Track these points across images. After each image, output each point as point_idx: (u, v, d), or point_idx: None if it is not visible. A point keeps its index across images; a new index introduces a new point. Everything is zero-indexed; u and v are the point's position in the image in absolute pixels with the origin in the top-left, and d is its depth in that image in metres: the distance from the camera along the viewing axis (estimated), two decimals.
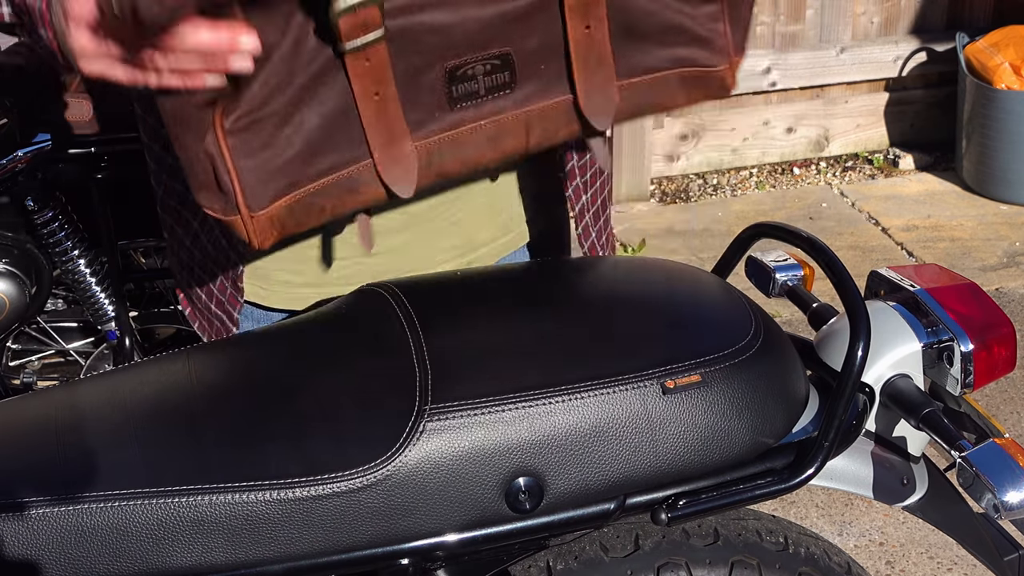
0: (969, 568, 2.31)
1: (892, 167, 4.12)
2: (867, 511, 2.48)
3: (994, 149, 3.76)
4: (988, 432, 1.16)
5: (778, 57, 3.97)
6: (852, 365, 1.05)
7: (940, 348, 1.16)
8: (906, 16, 4.08)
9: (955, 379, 1.16)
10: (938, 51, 4.05)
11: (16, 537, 0.96)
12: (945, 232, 3.68)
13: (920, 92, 4.14)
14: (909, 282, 1.22)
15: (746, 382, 1.04)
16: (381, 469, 0.98)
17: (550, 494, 1.01)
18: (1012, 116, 3.69)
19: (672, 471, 1.03)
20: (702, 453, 1.03)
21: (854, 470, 1.18)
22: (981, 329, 1.17)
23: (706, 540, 1.21)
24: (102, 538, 0.97)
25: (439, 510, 1.00)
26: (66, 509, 0.96)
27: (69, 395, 1.10)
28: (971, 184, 3.90)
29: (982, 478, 1.04)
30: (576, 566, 1.19)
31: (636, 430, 1.01)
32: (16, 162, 2.13)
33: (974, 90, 3.77)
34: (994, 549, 1.21)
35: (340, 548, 1.00)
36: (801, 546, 1.24)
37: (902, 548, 2.39)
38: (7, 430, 1.06)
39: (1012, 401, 2.82)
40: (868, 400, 1.13)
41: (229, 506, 0.97)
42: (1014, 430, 2.72)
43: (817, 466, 1.05)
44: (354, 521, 0.99)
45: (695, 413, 1.02)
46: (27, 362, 2.44)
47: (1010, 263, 3.50)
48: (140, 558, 0.97)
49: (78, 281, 2.24)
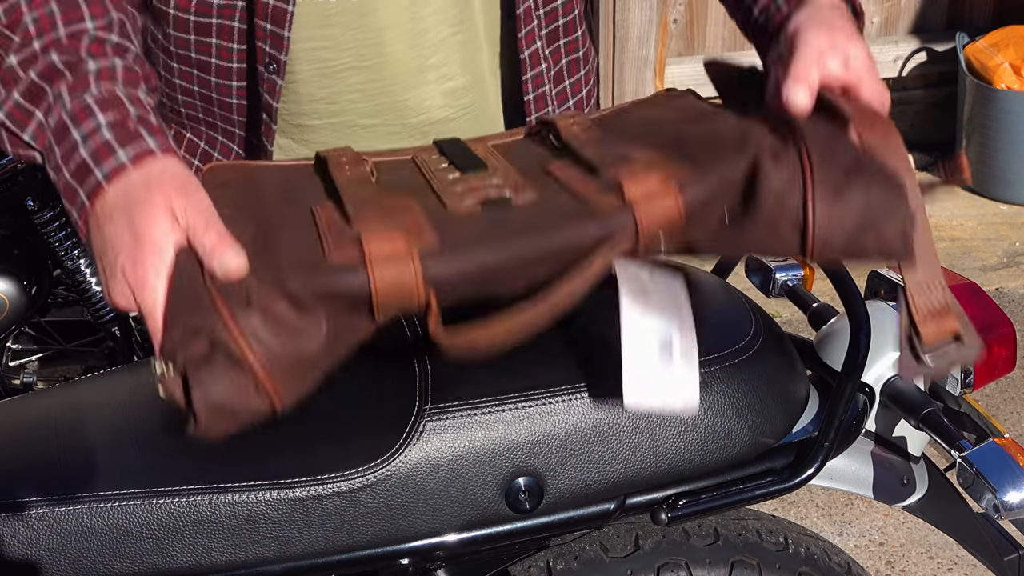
0: (969, 568, 2.31)
1: None
2: (867, 511, 2.48)
3: (994, 149, 3.76)
4: (988, 432, 1.16)
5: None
6: (852, 365, 1.05)
7: None
8: (906, 16, 4.08)
9: (955, 379, 1.16)
10: (938, 51, 4.05)
11: (16, 537, 0.96)
12: (945, 232, 3.68)
13: (920, 92, 4.14)
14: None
15: (746, 382, 1.04)
16: (381, 469, 0.98)
17: (550, 494, 1.01)
18: (1012, 116, 3.68)
19: (672, 471, 1.03)
20: (702, 453, 1.03)
21: (854, 470, 1.18)
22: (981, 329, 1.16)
23: (706, 540, 1.21)
24: (102, 538, 0.97)
25: (439, 510, 1.00)
26: (66, 509, 0.97)
27: (69, 395, 1.10)
28: (971, 184, 3.90)
29: (982, 478, 1.04)
30: (576, 566, 1.19)
31: (636, 430, 1.01)
32: (16, 162, 2.13)
33: (974, 90, 3.77)
34: (994, 549, 1.21)
35: (340, 548, 1.00)
36: (801, 546, 1.24)
37: (902, 548, 2.39)
38: (7, 430, 1.06)
39: (1012, 401, 2.82)
40: (868, 400, 1.13)
41: (229, 506, 0.97)
42: (1014, 430, 2.72)
43: (817, 466, 1.05)
44: (354, 521, 0.99)
45: (695, 413, 1.02)
46: (27, 362, 2.44)
47: (1010, 263, 3.50)
48: (140, 558, 0.97)
49: (78, 281, 2.24)
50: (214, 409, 0.82)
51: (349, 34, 1.17)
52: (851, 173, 0.88)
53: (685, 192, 0.88)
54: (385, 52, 1.18)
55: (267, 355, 0.83)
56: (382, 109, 1.21)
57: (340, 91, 1.20)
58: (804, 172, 0.88)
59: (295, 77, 1.19)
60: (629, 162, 0.91)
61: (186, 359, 0.82)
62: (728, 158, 0.89)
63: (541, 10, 1.23)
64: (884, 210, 0.87)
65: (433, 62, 1.21)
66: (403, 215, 0.88)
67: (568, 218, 0.88)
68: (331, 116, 1.22)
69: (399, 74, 1.20)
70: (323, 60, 1.18)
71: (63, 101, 0.95)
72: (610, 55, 3.69)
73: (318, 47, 1.17)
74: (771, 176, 0.88)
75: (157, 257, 0.87)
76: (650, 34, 3.69)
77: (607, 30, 3.66)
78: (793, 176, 0.88)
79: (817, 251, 0.89)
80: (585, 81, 1.34)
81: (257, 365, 0.82)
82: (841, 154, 0.88)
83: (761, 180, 0.88)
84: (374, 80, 1.20)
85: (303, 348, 0.84)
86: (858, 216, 0.87)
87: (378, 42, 1.18)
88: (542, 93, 1.26)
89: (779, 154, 0.88)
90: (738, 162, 0.88)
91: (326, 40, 1.17)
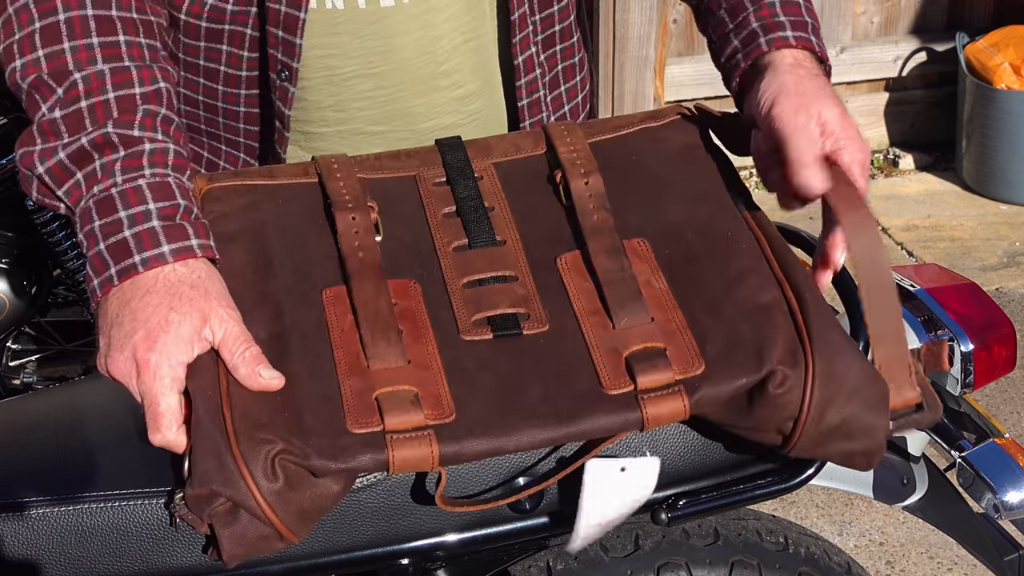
0: (969, 568, 2.31)
1: (892, 167, 4.12)
2: (867, 511, 2.48)
3: (994, 149, 3.76)
4: (988, 432, 1.16)
5: None
6: None
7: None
8: (906, 16, 4.08)
9: (955, 379, 1.16)
10: (938, 51, 4.05)
11: (16, 537, 0.96)
12: (945, 232, 3.68)
13: (920, 92, 4.14)
14: (909, 282, 1.22)
15: None
16: None
17: (550, 494, 1.01)
18: (1012, 116, 3.68)
19: (672, 471, 1.03)
20: (702, 453, 1.03)
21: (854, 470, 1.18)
22: (981, 329, 1.17)
23: (706, 540, 1.21)
24: (102, 538, 0.96)
25: (439, 510, 1.00)
26: (66, 509, 0.96)
27: (69, 395, 1.10)
28: (971, 184, 3.90)
29: (982, 478, 1.04)
30: (576, 566, 1.19)
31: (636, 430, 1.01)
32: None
33: (974, 90, 3.77)
34: (994, 549, 1.21)
35: (340, 548, 1.00)
36: (801, 546, 1.24)
37: (902, 548, 2.39)
38: (7, 430, 1.06)
39: (1012, 401, 2.82)
40: None
41: None
42: (1014, 430, 2.72)
43: (817, 466, 1.05)
44: (354, 521, 0.99)
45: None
46: (27, 362, 2.44)
47: (1010, 263, 3.50)
48: (140, 558, 0.97)
49: (78, 281, 2.25)
50: (240, 553, 0.88)
51: (357, 42, 1.17)
52: (844, 398, 0.91)
53: (695, 397, 0.90)
54: (395, 59, 1.18)
55: (288, 515, 0.87)
56: (390, 116, 1.21)
57: (347, 99, 1.20)
58: (805, 392, 0.90)
59: (303, 84, 1.18)
60: (643, 318, 0.93)
61: (212, 514, 0.87)
62: (742, 370, 0.91)
63: (537, 16, 1.23)
64: (861, 434, 0.92)
65: (445, 68, 1.21)
66: (420, 373, 0.90)
67: (582, 405, 0.89)
68: (338, 124, 1.21)
69: (409, 81, 1.20)
70: (330, 68, 1.18)
71: (114, 177, 0.97)
72: (610, 55, 3.69)
73: (325, 55, 1.17)
74: (775, 397, 0.90)
75: (176, 348, 0.89)
76: (650, 34, 3.69)
77: (607, 30, 3.66)
78: (794, 397, 0.90)
79: (794, 454, 0.94)
80: (580, 87, 1.33)
81: (280, 525, 0.87)
82: (841, 376, 0.90)
83: (764, 396, 0.90)
84: (383, 87, 1.19)
85: (322, 502, 0.88)
86: (838, 438, 0.92)
87: (387, 49, 1.18)
88: (537, 99, 1.26)
89: (787, 377, 0.90)
90: (751, 377, 0.90)
91: (333, 48, 1.17)
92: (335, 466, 0.86)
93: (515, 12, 1.20)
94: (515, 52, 1.22)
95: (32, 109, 1.01)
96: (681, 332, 0.92)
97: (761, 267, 0.96)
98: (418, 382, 0.89)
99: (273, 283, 0.95)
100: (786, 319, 0.92)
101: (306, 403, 0.88)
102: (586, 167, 1.03)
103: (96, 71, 1.00)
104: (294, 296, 0.95)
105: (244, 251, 0.97)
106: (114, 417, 1.04)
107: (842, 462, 0.95)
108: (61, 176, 0.98)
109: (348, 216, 0.98)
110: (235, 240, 0.98)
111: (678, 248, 0.98)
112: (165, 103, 1.02)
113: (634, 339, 0.92)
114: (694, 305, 0.94)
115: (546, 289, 0.96)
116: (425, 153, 1.07)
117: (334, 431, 0.87)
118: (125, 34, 1.03)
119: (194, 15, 1.16)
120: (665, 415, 0.90)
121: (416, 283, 0.96)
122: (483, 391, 0.90)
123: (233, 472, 0.84)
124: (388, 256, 0.97)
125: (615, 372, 0.91)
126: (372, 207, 1.00)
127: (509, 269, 0.97)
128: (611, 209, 1.00)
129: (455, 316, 0.94)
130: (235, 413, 0.87)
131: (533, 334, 0.93)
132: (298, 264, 0.97)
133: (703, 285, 0.96)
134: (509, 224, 1.00)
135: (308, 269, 0.96)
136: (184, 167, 1.00)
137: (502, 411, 0.89)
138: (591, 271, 0.97)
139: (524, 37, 1.22)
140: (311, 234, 0.99)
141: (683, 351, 0.91)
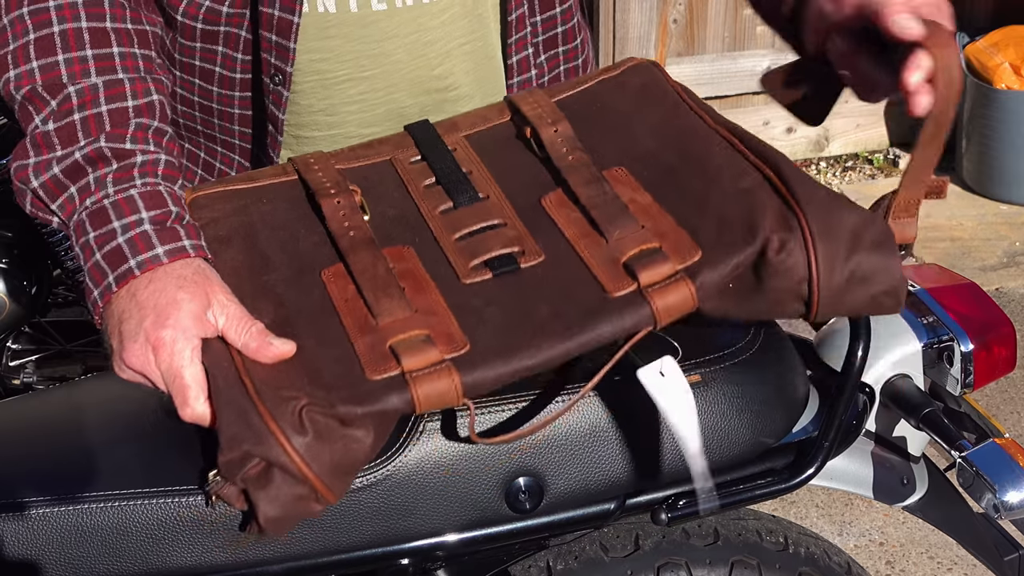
0: (969, 568, 2.31)
1: (892, 167, 4.12)
2: (867, 511, 2.48)
3: (994, 149, 3.76)
4: (988, 432, 1.16)
5: (778, 57, 3.97)
6: (852, 365, 1.04)
7: (940, 348, 1.16)
8: None
9: (955, 379, 1.16)
10: None
11: (16, 537, 0.96)
12: (945, 232, 3.68)
13: None
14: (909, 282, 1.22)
15: (746, 382, 1.04)
16: (381, 469, 0.98)
17: (550, 494, 1.01)
18: (1012, 116, 3.68)
19: (672, 471, 1.03)
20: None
21: (854, 470, 1.18)
22: (981, 329, 1.17)
23: (706, 540, 1.21)
24: (102, 538, 0.97)
25: (439, 510, 1.00)
26: (66, 509, 0.97)
27: (69, 395, 1.10)
28: (971, 184, 3.90)
29: (982, 478, 1.04)
30: (576, 566, 1.19)
31: (636, 430, 1.01)
32: None
33: (974, 90, 3.77)
34: (994, 549, 1.21)
35: (340, 548, 1.00)
36: (801, 546, 1.24)
37: (902, 548, 2.39)
38: (7, 430, 1.06)
39: (1012, 401, 2.82)
40: (868, 400, 1.13)
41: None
42: (1014, 430, 2.72)
43: (817, 466, 1.05)
44: (354, 521, 0.99)
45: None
46: (27, 362, 2.44)
47: (1010, 263, 3.50)
48: (140, 558, 0.97)
49: (78, 281, 2.24)
50: (278, 519, 0.88)
51: (348, 45, 1.17)
52: (848, 246, 0.91)
53: (698, 281, 0.91)
54: (386, 63, 1.18)
55: (321, 468, 0.86)
56: (382, 119, 1.21)
57: (339, 102, 1.20)
58: (808, 254, 0.91)
59: (295, 88, 1.18)
60: (633, 227, 0.95)
61: (245, 478, 0.86)
62: (738, 245, 0.92)
63: (538, 17, 1.23)
64: (878, 274, 0.92)
65: (439, 72, 1.21)
66: (428, 318, 0.91)
67: (591, 312, 0.91)
68: (330, 128, 1.21)
69: (401, 84, 1.20)
70: (322, 72, 1.18)
71: (106, 189, 0.98)
72: (610, 55, 3.69)
73: (317, 58, 1.17)
74: (778, 264, 0.91)
75: (190, 321, 0.90)
76: (650, 34, 3.69)
77: (607, 30, 3.66)
78: (799, 259, 0.91)
79: (820, 317, 0.94)
80: None
81: (315, 479, 0.86)
82: (837, 227, 0.91)
83: (768, 266, 0.91)
84: (375, 90, 1.20)
85: (354, 454, 0.88)
86: (857, 285, 0.92)
87: (379, 53, 1.18)
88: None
89: (785, 240, 0.91)
90: (748, 250, 0.92)
91: (325, 52, 1.17)
92: (362, 410, 0.86)
93: (513, 13, 1.20)
94: (509, 52, 1.22)
95: (25, 120, 1.02)
96: (673, 230, 0.94)
97: (736, 159, 0.99)
98: (428, 325, 0.91)
99: (272, 276, 0.97)
100: (770, 194, 0.94)
101: (323, 365, 0.89)
102: (553, 117, 1.06)
103: (90, 84, 1.01)
104: (294, 285, 0.96)
105: (239, 251, 0.99)
106: (114, 417, 1.04)
107: (872, 310, 0.95)
108: (55, 190, 0.99)
109: (333, 201, 1.00)
110: (229, 242, 1.00)
111: (655, 167, 1.01)
112: (158, 115, 1.03)
113: (629, 246, 0.94)
114: (680, 207, 0.97)
115: (536, 227, 0.98)
116: (397, 139, 1.09)
117: (354, 382, 0.88)
118: (119, 46, 1.04)
119: (190, 16, 1.16)
120: (674, 305, 0.91)
121: (410, 247, 0.98)
122: (493, 321, 0.91)
123: (262, 430, 0.85)
124: (378, 230, 0.99)
125: (616, 277, 0.92)
126: (355, 191, 1.02)
127: (496, 218, 0.99)
128: (584, 148, 1.03)
129: (453, 266, 0.96)
130: (255, 380, 0.88)
131: (531, 266, 0.95)
132: (293, 255, 0.98)
133: (686, 190, 0.98)
134: (489, 182, 1.03)
135: (304, 258, 0.98)
136: (174, 176, 1.01)
137: (515, 334, 0.90)
138: (576, 202, 0.99)
139: (520, 38, 1.22)
140: (300, 226, 1.01)
141: (678, 244, 0.93)
